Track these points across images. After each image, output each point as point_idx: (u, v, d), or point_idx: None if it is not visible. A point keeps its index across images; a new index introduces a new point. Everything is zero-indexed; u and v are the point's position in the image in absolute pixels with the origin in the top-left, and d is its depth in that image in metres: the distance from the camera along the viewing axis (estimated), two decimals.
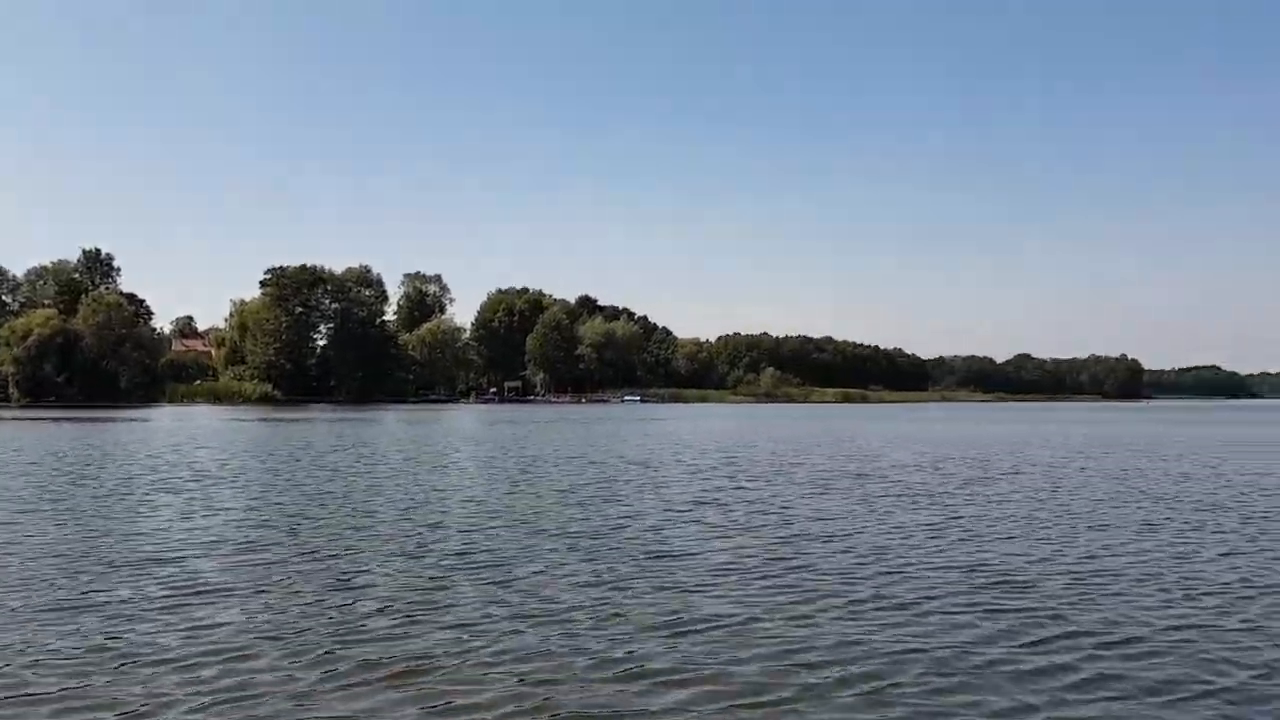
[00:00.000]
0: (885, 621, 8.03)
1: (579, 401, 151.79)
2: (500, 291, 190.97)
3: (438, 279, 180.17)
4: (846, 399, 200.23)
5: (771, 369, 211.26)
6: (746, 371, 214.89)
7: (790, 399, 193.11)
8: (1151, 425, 61.22)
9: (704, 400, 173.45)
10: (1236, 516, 14.80)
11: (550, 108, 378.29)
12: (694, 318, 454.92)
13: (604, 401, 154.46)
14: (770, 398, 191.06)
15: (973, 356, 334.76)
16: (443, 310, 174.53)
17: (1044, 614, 8.30)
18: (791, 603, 8.66)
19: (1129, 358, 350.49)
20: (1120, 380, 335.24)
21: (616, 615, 8.24)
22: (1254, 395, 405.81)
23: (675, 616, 8.17)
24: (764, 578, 9.77)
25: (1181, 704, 6.14)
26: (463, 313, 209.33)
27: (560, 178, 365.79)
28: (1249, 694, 6.31)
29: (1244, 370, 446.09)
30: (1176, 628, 7.87)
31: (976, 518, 14.57)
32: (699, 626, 7.86)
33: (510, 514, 14.79)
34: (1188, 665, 6.89)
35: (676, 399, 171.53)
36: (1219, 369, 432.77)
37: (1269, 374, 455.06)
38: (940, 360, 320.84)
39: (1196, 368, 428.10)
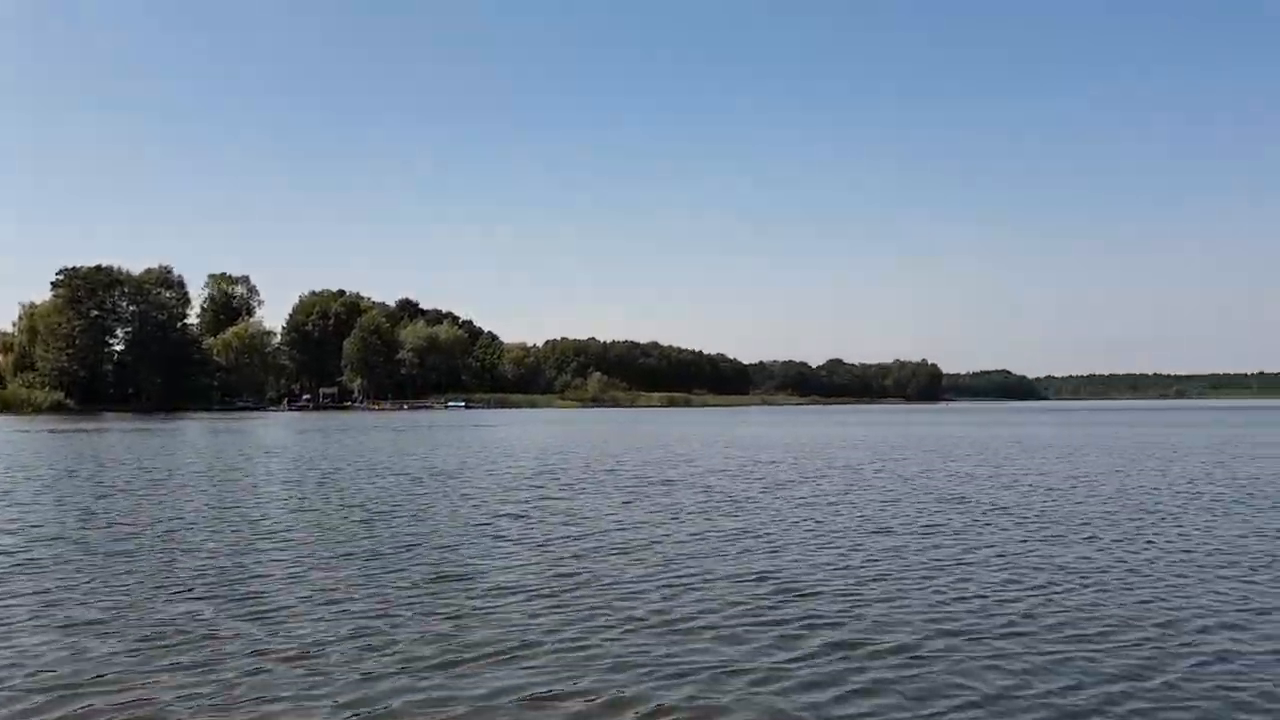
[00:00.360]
0: (665, 639, 7.76)
1: (400, 408, 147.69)
2: (314, 293, 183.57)
3: (245, 280, 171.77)
4: (672, 403, 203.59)
5: (599, 374, 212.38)
6: (574, 376, 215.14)
7: (617, 403, 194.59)
8: (946, 427, 64.83)
9: (531, 405, 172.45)
10: (1014, 518, 15.49)
11: (368, 103, 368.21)
12: (521, 322, 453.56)
13: (427, 408, 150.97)
14: (597, 402, 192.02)
15: (790, 361, 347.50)
16: (251, 313, 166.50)
17: (823, 624, 8.25)
18: (572, 624, 8.28)
19: (929, 363, 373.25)
20: (922, 384, 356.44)
21: (381, 648, 7.63)
22: (1041, 397, 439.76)
23: (447, 646, 7.63)
24: (549, 597, 9.36)
25: (944, 714, 6.13)
26: (273, 316, 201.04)
27: (380, 178, 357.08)
28: (1007, 703, 6.36)
29: (1032, 374, 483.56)
30: (948, 634, 7.95)
31: (775, 523, 14.67)
32: (469, 656, 7.35)
33: (291, 533, 13.81)
34: (954, 673, 6.92)
35: (503, 404, 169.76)
36: (1009, 373, 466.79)
37: (1054, 377, 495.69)
38: (760, 365, 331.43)
39: (989, 372, 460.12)
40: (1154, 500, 17.79)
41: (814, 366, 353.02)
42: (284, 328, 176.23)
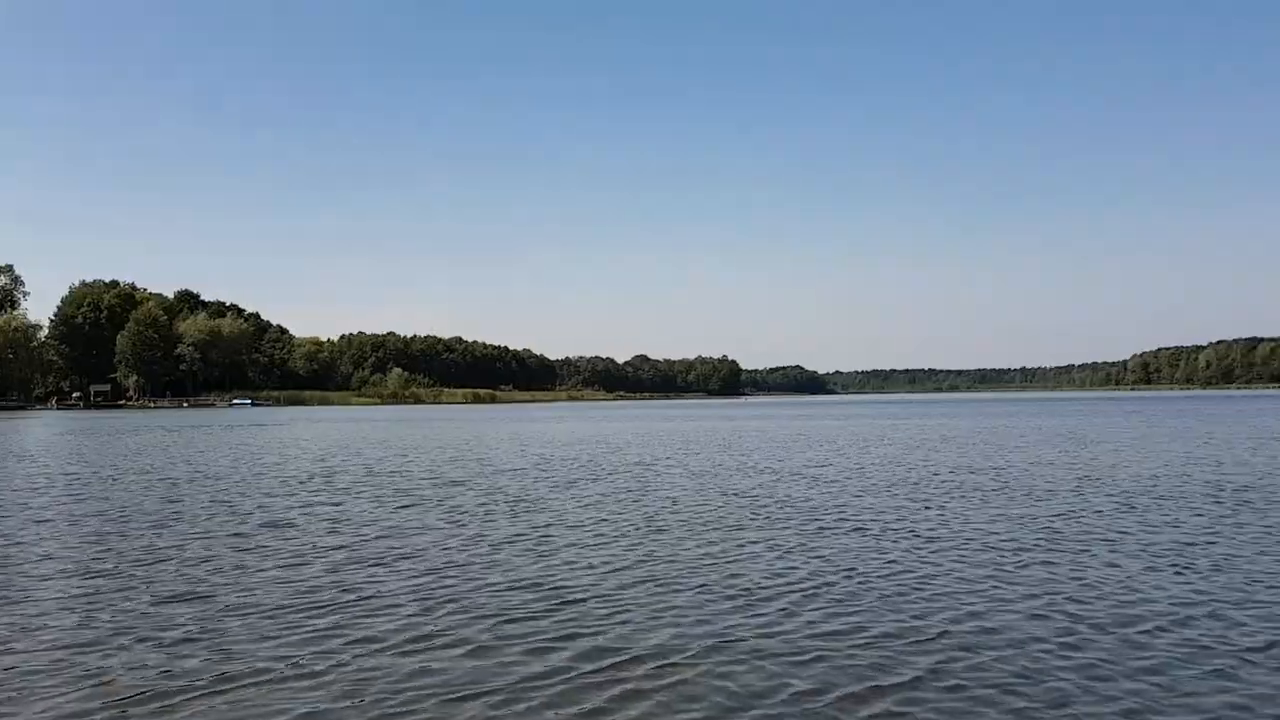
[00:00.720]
0: (410, 660, 7.17)
1: (180, 406, 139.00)
2: (85, 284, 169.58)
3: (9, 270, 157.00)
4: (476, 399, 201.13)
5: (399, 369, 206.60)
6: (372, 372, 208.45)
7: (419, 400, 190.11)
8: (741, 420, 66.72)
9: (325, 403, 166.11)
10: (793, 510, 15.70)
11: (145, 87, 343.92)
12: (313, 316, 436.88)
13: (209, 406, 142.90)
14: (397, 399, 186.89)
15: (597, 357, 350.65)
16: (15, 305, 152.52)
17: (586, 633, 7.86)
18: (309, 645, 7.53)
19: (729, 359, 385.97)
20: (723, 379, 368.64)
21: (81, 680, 6.68)
22: (830, 391, 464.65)
23: (159, 678, 6.77)
24: (290, 615, 8.54)
25: None
26: (40, 309, 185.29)
27: (161, 166, 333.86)
28: (759, 711, 6.19)
29: (822, 369, 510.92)
30: (710, 636, 7.76)
31: (557, 525, 14.27)
32: (183, 688, 6.54)
33: (20, 548, 12.22)
34: (709, 677, 6.71)
35: (294, 402, 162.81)
36: (802, 368, 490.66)
37: (841, 372, 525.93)
38: (567, 361, 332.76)
39: (784, 367, 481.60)
40: (922, 490, 18.56)
41: (620, 362, 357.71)
42: (52, 321, 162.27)
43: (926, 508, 15.93)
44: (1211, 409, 78.42)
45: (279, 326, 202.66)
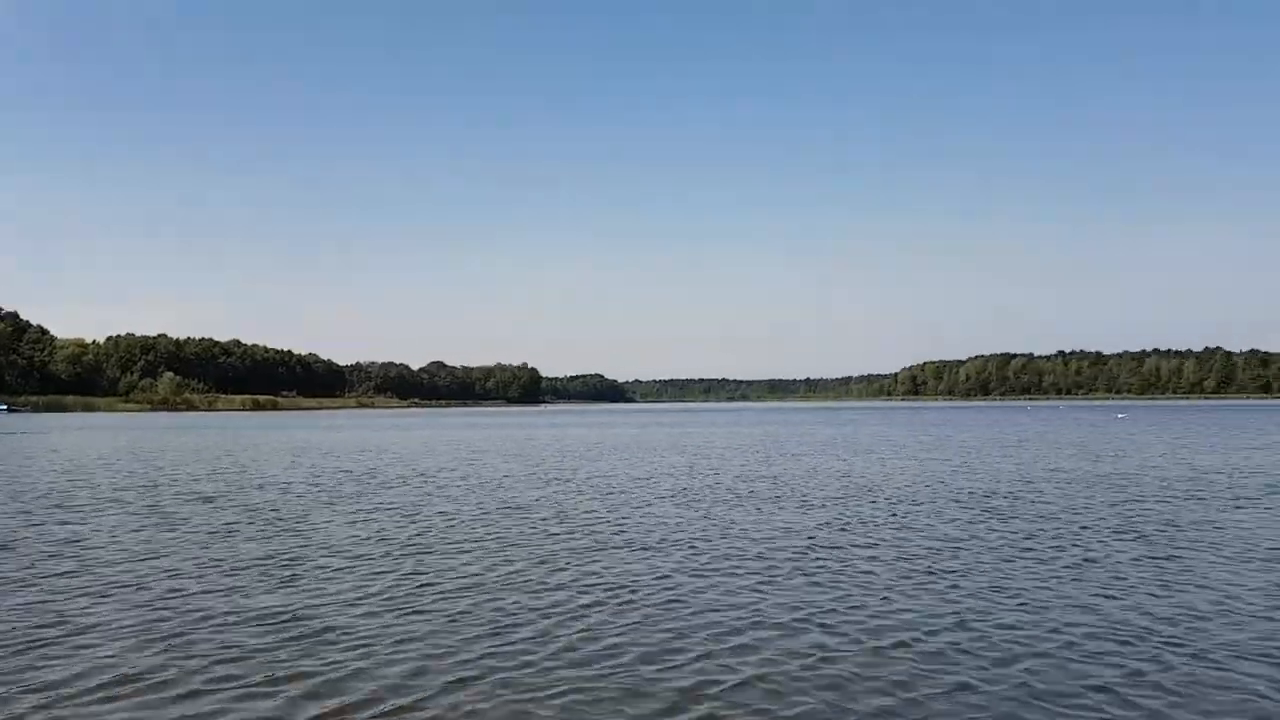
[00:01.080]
0: (134, 711, 6.27)
1: None
2: None
3: None
4: (256, 406, 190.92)
5: (171, 374, 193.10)
6: (142, 376, 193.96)
7: (192, 407, 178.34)
8: (537, 429, 66.22)
9: (89, 409, 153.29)
10: (577, 524, 15.34)
11: None
12: (77, 316, 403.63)
13: None
14: (169, 405, 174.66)
15: (389, 363, 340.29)
16: None
17: (334, 675, 7.11)
18: (6, 697, 6.50)
19: (529, 366, 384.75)
20: (523, 386, 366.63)
21: None
22: (629, 399, 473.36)
23: None
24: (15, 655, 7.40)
25: None
26: None
27: None
28: None
29: (622, 378, 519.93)
30: (464, 679, 7.22)
31: (319, 546, 13.22)
32: None
33: None
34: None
35: (55, 408, 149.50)
36: (603, 377, 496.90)
37: (640, 381, 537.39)
38: (358, 366, 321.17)
39: (585, 375, 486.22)
40: (705, 500, 18.60)
41: (415, 369, 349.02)
42: None
43: (706, 518, 15.96)
44: (970, 419, 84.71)
45: (39, 327, 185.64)
